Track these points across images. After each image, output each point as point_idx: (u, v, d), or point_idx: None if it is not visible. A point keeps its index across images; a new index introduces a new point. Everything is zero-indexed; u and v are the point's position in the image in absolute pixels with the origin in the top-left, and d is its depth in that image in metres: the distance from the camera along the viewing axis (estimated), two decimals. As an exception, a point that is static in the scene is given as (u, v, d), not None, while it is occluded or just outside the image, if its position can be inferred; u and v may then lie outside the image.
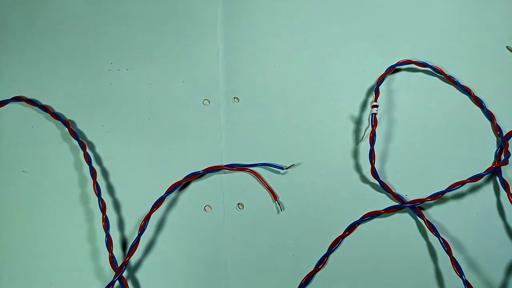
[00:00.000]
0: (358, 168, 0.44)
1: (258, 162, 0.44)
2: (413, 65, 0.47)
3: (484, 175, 0.42)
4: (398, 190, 0.43)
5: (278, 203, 0.43)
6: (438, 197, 0.42)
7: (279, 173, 0.44)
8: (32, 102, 0.46)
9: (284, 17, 0.50)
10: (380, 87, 0.46)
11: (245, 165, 0.44)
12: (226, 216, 0.43)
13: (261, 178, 0.44)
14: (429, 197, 0.42)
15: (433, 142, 0.45)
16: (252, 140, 0.46)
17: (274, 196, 0.43)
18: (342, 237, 0.42)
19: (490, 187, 0.43)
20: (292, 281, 0.41)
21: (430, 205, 0.43)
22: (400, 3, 0.50)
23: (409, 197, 0.43)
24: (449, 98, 0.46)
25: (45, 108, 0.46)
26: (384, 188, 0.43)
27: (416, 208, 0.42)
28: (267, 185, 0.44)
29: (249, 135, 0.46)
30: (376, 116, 0.44)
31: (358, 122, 0.46)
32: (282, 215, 0.43)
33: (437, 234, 0.40)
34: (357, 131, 0.46)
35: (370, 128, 0.44)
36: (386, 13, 0.49)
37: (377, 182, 0.43)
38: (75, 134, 0.45)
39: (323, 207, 0.43)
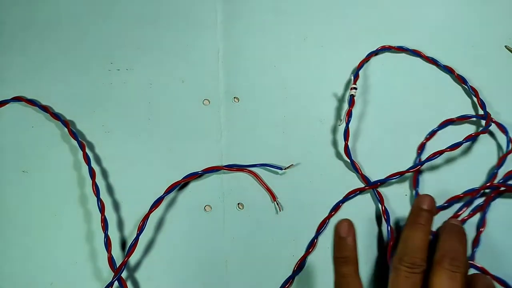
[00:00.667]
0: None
1: (258, 161, 0.44)
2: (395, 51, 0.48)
3: (463, 143, 0.42)
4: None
5: (277, 203, 0.43)
6: (416, 169, 0.42)
7: (277, 173, 0.44)
8: (32, 102, 0.46)
9: (284, 17, 0.50)
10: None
11: (244, 166, 0.44)
12: (226, 216, 0.43)
13: (260, 179, 0.44)
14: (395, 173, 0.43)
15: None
16: (252, 140, 0.46)
17: (273, 197, 0.43)
18: (328, 218, 0.42)
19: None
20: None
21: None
22: (400, 2, 0.50)
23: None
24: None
25: (45, 108, 0.46)
26: (355, 167, 0.43)
27: (378, 191, 0.43)
28: (265, 185, 0.44)
29: (249, 135, 0.46)
30: (354, 97, 0.45)
31: (359, 121, 0.46)
32: (283, 215, 0.43)
33: (387, 220, 0.41)
34: (358, 131, 0.46)
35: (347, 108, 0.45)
36: (387, 13, 0.49)
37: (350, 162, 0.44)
38: (75, 134, 0.45)
39: (323, 206, 0.43)
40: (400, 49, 0.48)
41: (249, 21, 0.49)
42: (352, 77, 0.46)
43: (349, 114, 0.44)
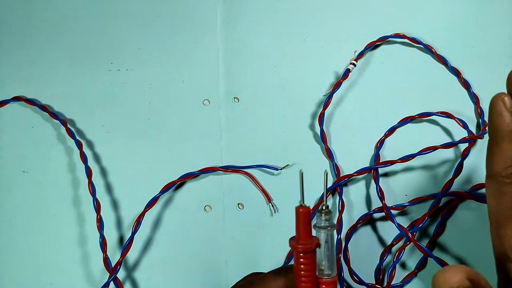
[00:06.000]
0: (357, 164, 0.44)
1: (258, 161, 0.44)
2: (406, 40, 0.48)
3: (458, 143, 0.43)
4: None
5: (272, 205, 0.43)
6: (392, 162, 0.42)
7: (273, 173, 0.44)
8: (32, 102, 0.46)
9: (284, 17, 0.50)
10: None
11: (240, 167, 0.44)
12: (226, 216, 0.43)
13: (255, 180, 0.44)
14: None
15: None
16: (252, 140, 0.45)
17: (268, 198, 0.43)
18: (315, 208, 0.43)
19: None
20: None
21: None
22: (401, 3, 0.50)
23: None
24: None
25: (44, 108, 0.46)
26: (323, 139, 0.44)
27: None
28: (261, 187, 0.44)
29: (249, 135, 0.46)
30: (350, 72, 0.46)
31: (359, 122, 0.46)
32: (282, 215, 0.43)
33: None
34: (358, 132, 0.46)
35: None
36: (388, 13, 0.49)
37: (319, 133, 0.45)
38: (72, 133, 0.45)
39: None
40: (414, 41, 0.47)
41: (249, 21, 0.49)
42: (356, 54, 0.47)
43: (337, 85, 0.45)
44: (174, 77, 0.48)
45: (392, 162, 0.42)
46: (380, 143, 0.44)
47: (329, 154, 0.44)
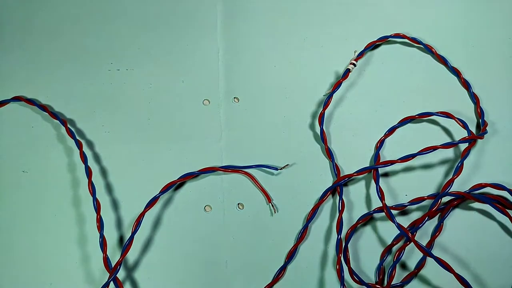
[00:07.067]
0: (357, 164, 0.44)
1: (258, 161, 0.44)
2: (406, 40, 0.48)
3: (458, 143, 0.43)
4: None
5: (272, 205, 0.43)
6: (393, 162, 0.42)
7: (273, 173, 0.44)
8: (32, 102, 0.46)
9: (284, 17, 0.50)
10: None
11: (240, 167, 0.44)
12: (226, 216, 0.43)
13: (255, 180, 0.44)
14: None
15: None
16: (252, 140, 0.46)
17: (268, 198, 0.43)
18: (317, 205, 0.42)
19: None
20: (293, 282, 0.41)
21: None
22: (401, 3, 0.50)
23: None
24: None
25: (44, 108, 0.46)
26: (323, 139, 0.44)
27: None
28: (261, 187, 0.44)
29: (249, 135, 0.46)
30: (350, 72, 0.46)
31: (359, 122, 0.46)
32: (282, 215, 0.43)
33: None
34: (358, 132, 0.46)
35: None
36: (388, 13, 0.49)
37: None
38: (72, 133, 0.45)
39: (321, 207, 0.43)
40: (414, 41, 0.47)
41: (249, 21, 0.49)
42: (356, 54, 0.47)
43: (337, 85, 0.45)
44: (174, 77, 0.48)
45: (392, 162, 0.42)
46: (380, 143, 0.44)
47: (329, 154, 0.44)
